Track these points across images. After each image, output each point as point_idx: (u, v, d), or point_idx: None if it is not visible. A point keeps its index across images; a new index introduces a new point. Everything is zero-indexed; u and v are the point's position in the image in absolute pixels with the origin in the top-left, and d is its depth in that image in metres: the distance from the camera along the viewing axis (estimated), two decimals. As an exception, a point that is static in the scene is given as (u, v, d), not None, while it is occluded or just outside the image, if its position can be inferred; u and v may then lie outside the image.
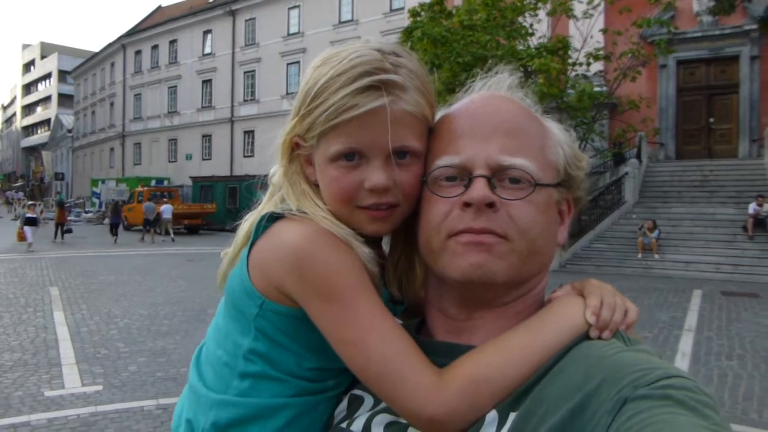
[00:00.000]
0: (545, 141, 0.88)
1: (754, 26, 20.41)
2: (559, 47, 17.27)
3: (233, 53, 43.50)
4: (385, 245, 1.00)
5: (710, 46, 22.83)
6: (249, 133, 42.44)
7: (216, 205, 33.12)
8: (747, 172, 20.03)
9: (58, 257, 18.56)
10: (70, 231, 25.75)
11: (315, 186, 0.92)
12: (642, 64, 18.64)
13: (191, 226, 31.73)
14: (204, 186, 36.35)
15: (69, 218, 30.83)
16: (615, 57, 17.77)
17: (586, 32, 17.87)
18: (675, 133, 23.57)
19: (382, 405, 0.86)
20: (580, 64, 18.01)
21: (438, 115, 0.92)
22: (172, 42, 48.39)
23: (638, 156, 20.98)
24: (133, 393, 5.90)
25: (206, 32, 45.60)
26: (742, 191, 18.58)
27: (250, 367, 0.90)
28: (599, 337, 0.79)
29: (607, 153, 21.69)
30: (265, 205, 0.97)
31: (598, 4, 18.28)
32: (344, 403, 0.93)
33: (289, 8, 40.19)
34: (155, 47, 50.08)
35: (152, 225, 26.72)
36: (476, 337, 0.86)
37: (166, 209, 27.24)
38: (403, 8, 30.58)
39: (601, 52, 18.14)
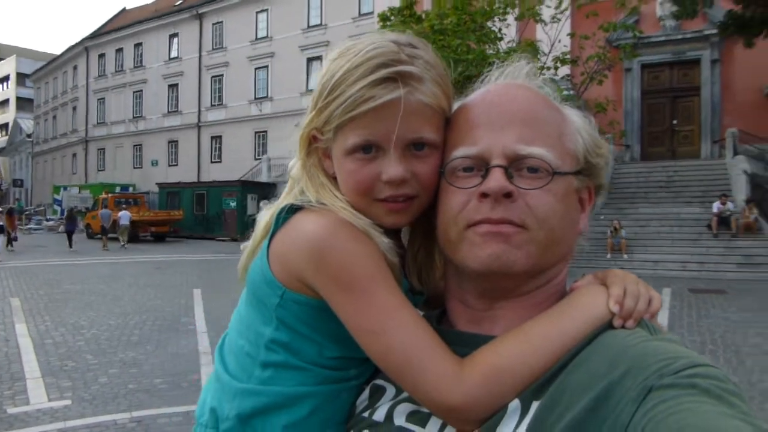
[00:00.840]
0: (563, 129, 0.87)
1: (714, 31, 20.93)
2: (528, 51, 17.46)
3: (200, 57, 42.94)
4: (405, 237, 1.00)
5: (673, 50, 23.42)
6: (216, 139, 41.95)
7: (183, 212, 32.58)
8: (710, 172, 20.57)
9: (18, 267, 17.96)
10: (15, 239, 25.01)
11: (333, 179, 0.93)
12: (608, 67, 18.98)
13: (158, 233, 31.18)
14: (171, 192, 35.72)
15: (26, 226, 29.87)
16: (582, 61, 18.07)
17: (554, 36, 18.11)
18: (640, 135, 24.08)
19: (404, 395, 0.86)
20: (548, 68, 18.24)
21: (455, 106, 0.92)
22: (137, 45, 47.53)
23: (605, 157, 21.30)
24: (105, 406, 5.68)
25: (172, 36, 44.93)
26: (706, 191, 19.10)
27: (272, 356, 0.91)
28: (623, 326, 0.78)
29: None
30: (285, 197, 0.97)
31: (565, 9, 18.56)
32: (366, 393, 0.94)
33: (258, 12, 39.86)
34: (120, 50, 49.11)
35: (107, 232, 26.26)
36: (497, 327, 0.86)
37: (124, 216, 26.80)
38: (372, 13, 30.55)
39: (569, 56, 18.41)
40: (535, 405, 0.75)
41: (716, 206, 17.42)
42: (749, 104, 22.29)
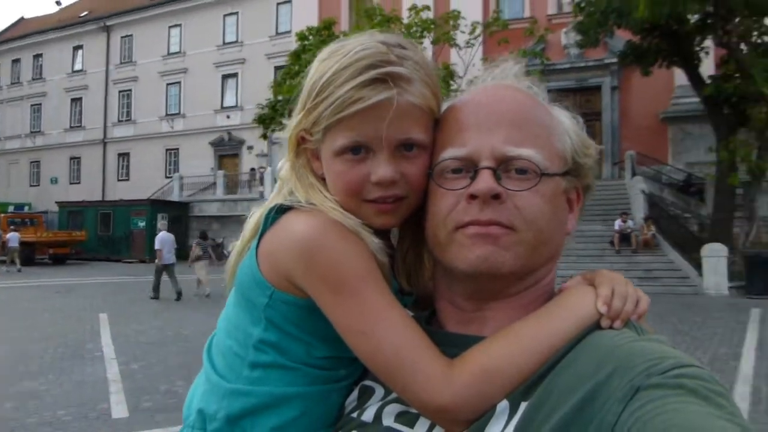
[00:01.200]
0: (552, 130, 0.87)
1: (615, 60, 22.44)
2: (443, 74, 18.01)
3: (107, 71, 41.31)
4: (394, 238, 0.99)
5: (577, 77, 24.90)
6: (124, 156, 40.35)
7: (86, 233, 30.83)
8: (611, 192, 21.86)
9: None
10: None
11: (322, 180, 0.92)
12: (518, 92, 19.91)
13: (58, 255, 29.32)
14: (72, 212, 33.79)
15: None
16: (495, 84, 18.85)
17: (468, 61, 18.78)
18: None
19: (393, 395, 0.86)
20: (462, 91, 18.85)
21: (444, 107, 0.92)
22: (37, 56, 45.07)
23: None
24: (0, 443, 5.18)
25: (77, 48, 42.99)
26: (608, 209, 20.24)
27: (260, 356, 0.90)
28: (611, 327, 0.79)
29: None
30: (274, 198, 0.96)
31: (479, 35, 19.33)
32: (355, 394, 0.93)
33: (170, 27, 38.86)
34: (16, 61, 46.32)
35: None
36: (486, 328, 0.85)
37: (12, 237, 24.95)
38: (289, 32, 30.49)
39: (481, 80, 19.16)
40: (523, 405, 0.75)
41: (618, 224, 18.55)
42: (646, 129, 24.02)
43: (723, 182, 17.48)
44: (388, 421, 0.85)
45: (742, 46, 16.70)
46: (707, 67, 19.15)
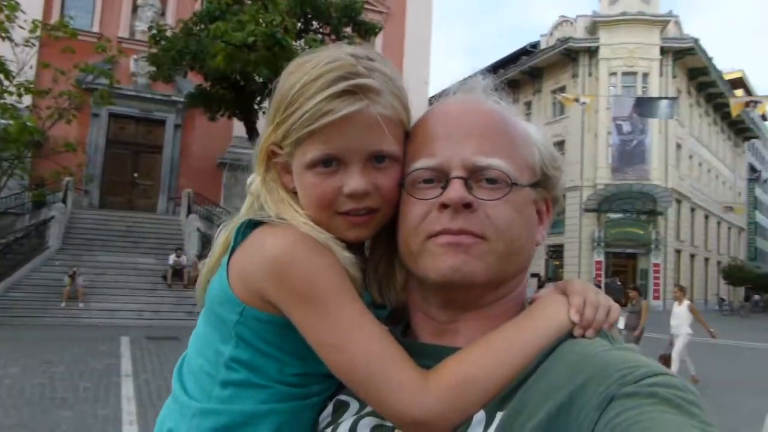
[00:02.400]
0: (521, 142, 0.89)
1: (181, 99, 22.98)
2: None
3: None
4: (367, 251, 0.98)
5: (141, 107, 24.44)
6: None
7: None
8: (166, 227, 22.02)
9: None
10: None
11: (293, 194, 0.91)
12: (77, 108, 18.42)
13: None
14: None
15: None
16: (55, 95, 16.98)
17: (26, 61, 16.44)
18: (101, 182, 23.85)
19: (368, 409, 0.84)
20: (11, 93, 16.39)
21: (414, 119, 0.92)
22: None
23: (64, 200, 20.28)
24: None
25: None
26: (162, 243, 20.29)
27: (232, 375, 0.87)
28: (583, 336, 0.80)
29: (35, 193, 20.12)
30: (245, 213, 0.94)
31: (39, 36, 17.17)
32: (329, 409, 0.91)
33: None
34: None
35: None
36: (460, 339, 0.86)
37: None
38: None
39: (33, 86, 17.05)
40: (499, 415, 0.75)
41: (171, 258, 18.74)
42: (204, 170, 25.14)
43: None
44: None
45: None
46: (262, 125, 21.40)
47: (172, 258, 18.78)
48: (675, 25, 36.90)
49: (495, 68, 44.76)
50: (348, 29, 19.77)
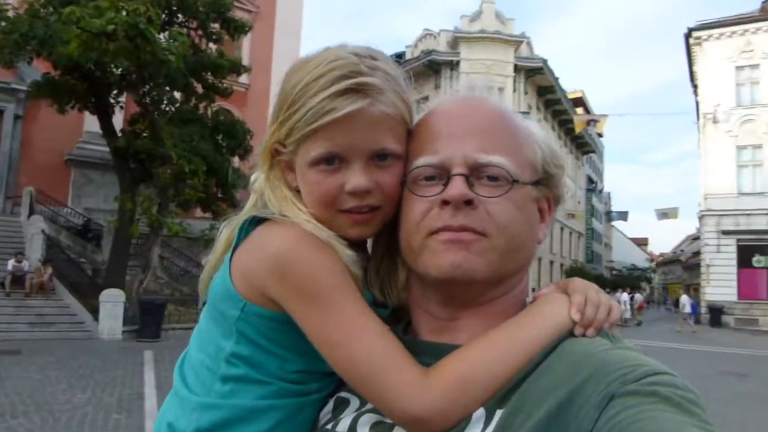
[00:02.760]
0: (522, 139, 0.89)
1: (24, 87, 20.81)
2: None
3: None
4: (370, 248, 0.98)
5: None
6: None
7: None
8: (4, 229, 19.77)
9: None
10: None
11: (296, 192, 0.92)
12: None
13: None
14: None
15: None
16: None
17: None
18: None
19: (368, 406, 0.84)
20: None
21: (416, 117, 0.93)
22: None
23: None
24: None
25: None
26: (0, 248, 18.17)
27: (232, 370, 0.87)
28: (584, 335, 0.80)
29: None
30: (248, 210, 0.94)
31: None
32: (330, 406, 0.91)
33: None
34: None
35: None
36: (461, 337, 0.86)
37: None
38: None
39: None
40: (499, 413, 0.75)
41: (11, 264, 16.86)
42: (49, 166, 22.98)
43: (123, 231, 18.34)
44: (362, 431, 0.83)
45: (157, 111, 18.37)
46: (119, 120, 20.05)
47: (11, 263, 16.92)
48: (527, 46, 39.90)
49: (362, 75, 45.61)
50: (216, 25, 19.11)
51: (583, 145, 56.99)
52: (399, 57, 42.44)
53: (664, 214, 33.30)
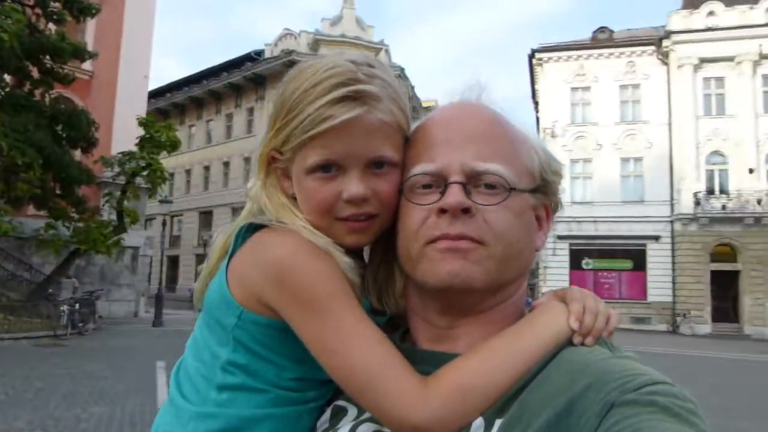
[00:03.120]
0: (520, 147, 0.88)
1: None
2: None
3: None
4: (367, 256, 0.97)
5: None
6: None
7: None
8: None
9: None
10: None
11: (293, 199, 0.91)
12: None
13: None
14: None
15: None
16: None
17: None
18: None
19: (366, 415, 0.84)
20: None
21: (414, 125, 0.92)
22: None
23: None
24: None
25: None
26: None
27: (228, 378, 0.87)
28: (583, 344, 0.80)
29: None
30: (244, 217, 0.94)
31: None
32: (327, 414, 0.90)
33: None
34: None
35: None
36: (460, 345, 0.85)
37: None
38: None
39: None
40: (498, 422, 0.75)
41: None
42: None
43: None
44: None
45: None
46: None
47: None
48: (386, 53, 40.99)
49: (218, 70, 44.25)
50: (58, 4, 17.49)
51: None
52: (258, 55, 41.73)
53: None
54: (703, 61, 32.14)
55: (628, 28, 37.14)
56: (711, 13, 32.81)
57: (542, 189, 0.90)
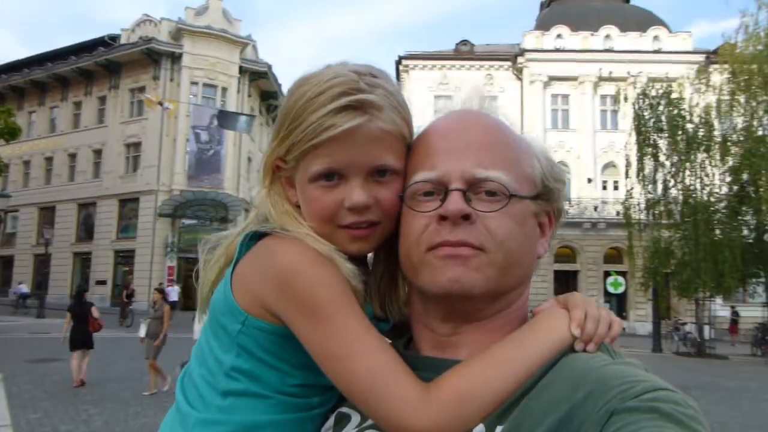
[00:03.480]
0: (521, 154, 0.89)
1: None
2: None
3: None
4: (370, 264, 0.99)
5: None
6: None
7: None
8: None
9: None
10: None
11: (297, 207, 0.93)
12: None
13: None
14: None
15: None
16: None
17: None
18: None
19: (369, 422, 0.84)
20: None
21: (415, 134, 0.93)
22: None
23: None
24: None
25: None
26: None
27: (232, 384, 0.88)
28: (584, 350, 0.80)
29: None
30: (248, 224, 0.95)
31: None
32: (330, 421, 0.91)
33: None
34: None
35: None
36: (462, 352, 0.86)
37: None
38: None
39: None
40: (498, 429, 0.75)
41: None
42: None
43: None
44: None
45: None
46: None
47: None
48: (253, 49, 39.96)
49: (65, 53, 40.45)
50: None
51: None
52: (113, 39, 38.77)
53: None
54: (552, 78, 35.08)
55: (487, 43, 39.38)
56: (559, 36, 35.85)
57: (544, 196, 0.90)
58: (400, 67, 36.74)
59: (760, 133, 21.60)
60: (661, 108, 22.49)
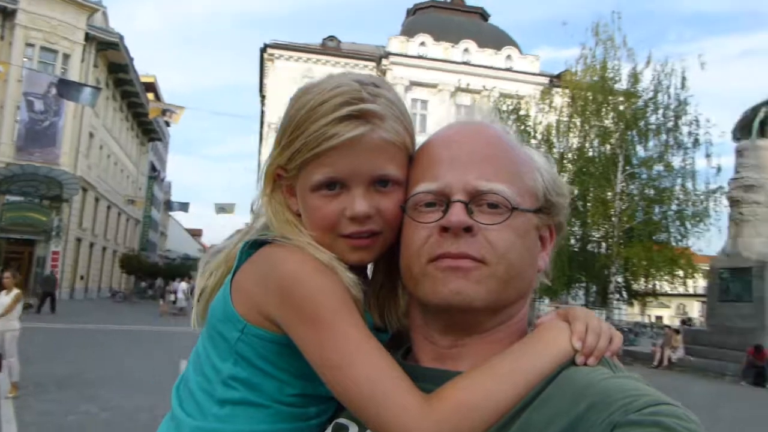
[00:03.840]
0: (523, 167, 0.89)
1: None
2: None
3: None
4: (370, 274, 0.99)
5: None
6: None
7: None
8: None
9: None
10: None
11: (297, 216, 0.93)
12: None
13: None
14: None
15: None
16: None
17: None
18: None
19: None
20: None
21: (418, 144, 0.93)
22: None
23: None
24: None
25: None
26: None
27: (229, 393, 0.87)
28: (585, 364, 0.80)
29: None
30: (248, 232, 0.96)
31: None
32: None
33: None
34: None
35: None
36: (462, 364, 0.85)
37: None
38: None
39: None
40: None
41: None
42: None
43: None
44: None
45: None
46: None
47: None
48: (103, 16, 36.74)
49: None
50: None
51: (151, 131, 55.86)
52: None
53: (222, 209, 34.85)
54: (413, 83, 36.38)
55: (354, 42, 39.79)
56: (422, 44, 37.28)
57: (546, 209, 0.90)
58: (265, 55, 36.02)
59: (590, 153, 24.11)
60: (510, 123, 24.30)
